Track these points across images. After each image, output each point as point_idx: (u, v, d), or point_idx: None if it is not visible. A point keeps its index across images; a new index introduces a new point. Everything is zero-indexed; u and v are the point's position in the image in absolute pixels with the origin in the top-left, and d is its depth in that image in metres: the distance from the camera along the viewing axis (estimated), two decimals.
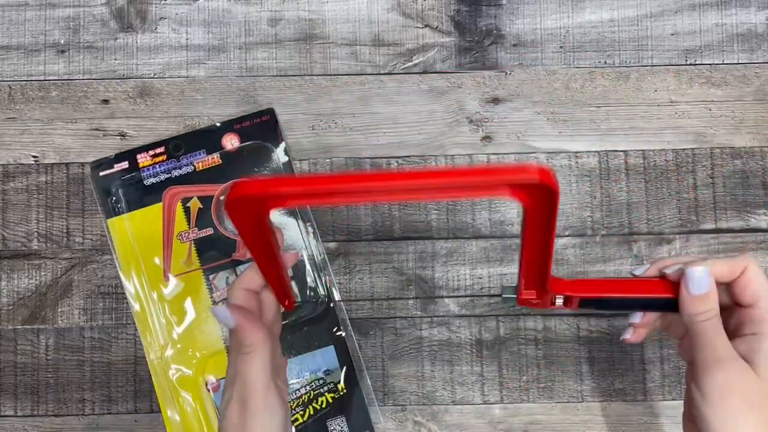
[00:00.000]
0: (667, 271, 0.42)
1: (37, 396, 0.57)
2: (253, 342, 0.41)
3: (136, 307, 0.56)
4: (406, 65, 0.59)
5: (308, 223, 0.57)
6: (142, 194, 0.57)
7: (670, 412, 0.56)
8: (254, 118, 0.58)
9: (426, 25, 0.59)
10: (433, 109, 0.58)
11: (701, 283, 0.40)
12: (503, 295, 0.43)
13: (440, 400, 0.57)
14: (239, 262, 0.57)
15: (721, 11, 0.59)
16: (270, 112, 0.58)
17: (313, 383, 0.56)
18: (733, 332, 0.42)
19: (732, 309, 0.43)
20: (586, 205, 0.58)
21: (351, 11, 0.59)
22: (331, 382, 0.56)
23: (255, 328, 0.41)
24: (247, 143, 0.57)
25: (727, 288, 0.42)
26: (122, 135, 0.58)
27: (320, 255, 0.57)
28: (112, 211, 0.57)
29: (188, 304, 0.56)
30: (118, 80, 0.59)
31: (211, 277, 0.57)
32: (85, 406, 0.57)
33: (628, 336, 0.46)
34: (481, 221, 0.58)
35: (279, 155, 0.57)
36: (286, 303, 0.45)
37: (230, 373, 0.42)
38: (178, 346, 0.56)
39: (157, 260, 0.56)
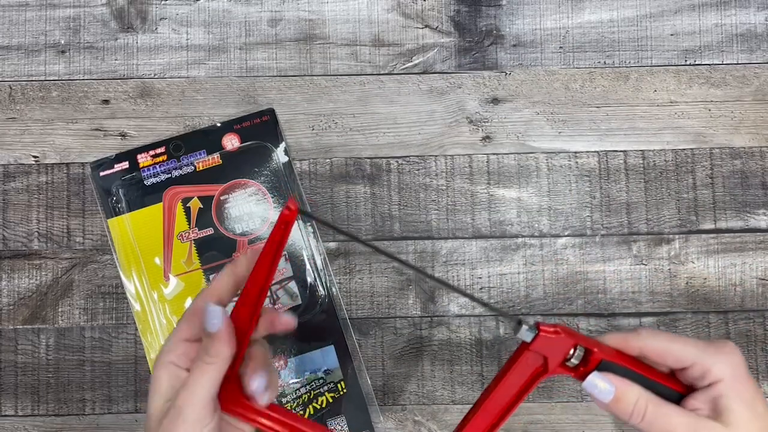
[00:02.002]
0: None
1: (37, 396, 0.57)
2: (219, 354, 0.39)
3: (136, 306, 0.56)
4: (406, 65, 0.59)
5: (308, 223, 0.57)
6: (142, 194, 0.57)
7: None
8: (254, 118, 0.58)
9: (426, 26, 0.59)
10: (433, 109, 0.59)
11: (604, 391, 0.40)
12: (518, 334, 0.42)
13: (440, 399, 0.57)
14: None
15: (721, 11, 0.59)
16: (270, 112, 0.58)
17: (313, 383, 0.57)
18: (690, 387, 0.42)
19: (675, 370, 0.42)
20: (586, 205, 0.58)
21: (351, 11, 0.59)
22: (331, 382, 0.57)
23: (231, 342, 0.39)
24: (248, 143, 0.57)
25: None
26: (123, 135, 0.58)
27: (320, 255, 0.57)
28: (113, 211, 0.57)
29: (189, 304, 0.56)
30: (118, 80, 0.59)
31: (211, 277, 0.57)
32: (86, 405, 0.57)
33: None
34: (481, 221, 0.58)
35: (279, 155, 0.58)
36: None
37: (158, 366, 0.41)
38: None
39: (158, 260, 0.57)
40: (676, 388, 0.42)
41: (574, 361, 0.42)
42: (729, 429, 0.39)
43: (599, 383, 0.41)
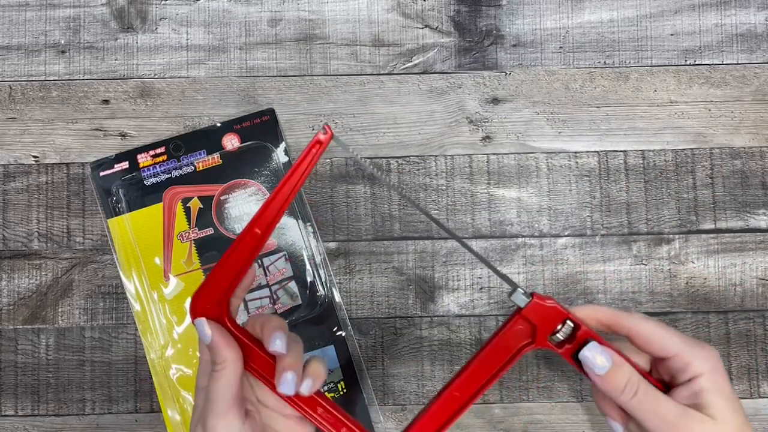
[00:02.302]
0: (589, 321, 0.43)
1: (37, 396, 0.57)
2: (225, 359, 0.40)
3: (136, 306, 0.56)
4: (406, 65, 0.59)
5: (308, 223, 0.57)
6: (142, 194, 0.57)
7: None
8: (254, 118, 0.58)
9: (426, 26, 0.59)
10: (432, 109, 0.59)
11: (600, 362, 0.40)
12: (512, 297, 0.43)
13: None
14: None
15: (721, 11, 0.59)
16: (270, 112, 0.58)
17: None
18: (670, 383, 0.42)
19: (654, 362, 0.43)
20: (586, 205, 0.58)
21: (351, 11, 0.59)
22: (331, 382, 0.57)
23: (229, 346, 0.41)
24: (248, 143, 0.57)
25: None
26: (123, 135, 0.58)
27: (320, 255, 0.57)
28: (113, 211, 0.57)
29: (189, 304, 0.56)
30: (118, 80, 0.59)
31: None
32: (86, 405, 0.57)
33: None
34: (481, 221, 0.58)
35: (279, 155, 0.58)
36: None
37: (196, 390, 0.43)
38: (179, 345, 0.56)
39: (158, 260, 0.57)
40: (656, 383, 0.42)
41: (560, 336, 0.43)
42: (714, 421, 0.39)
43: (596, 355, 0.41)
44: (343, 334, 0.57)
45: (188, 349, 0.56)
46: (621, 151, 0.58)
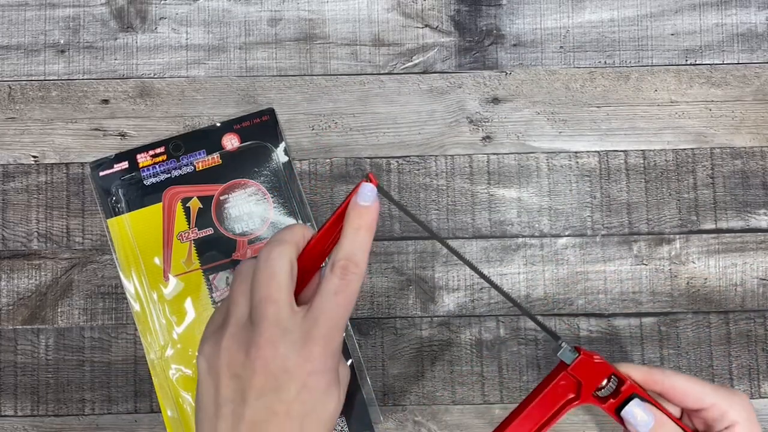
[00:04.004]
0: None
1: (37, 396, 0.57)
2: (295, 236, 0.39)
3: (136, 307, 0.56)
4: (406, 65, 0.59)
5: (308, 223, 0.57)
6: (142, 194, 0.57)
7: None
8: (254, 118, 0.58)
9: (426, 25, 0.59)
10: (433, 109, 0.58)
11: (643, 421, 0.41)
12: (559, 354, 0.43)
13: (440, 400, 0.57)
14: (239, 262, 0.57)
15: (721, 11, 0.59)
16: (270, 112, 0.58)
17: None
18: (704, 431, 0.43)
19: (688, 412, 0.44)
20: (586, 205, 0.58)
21: (351, 11, 0.59)
22: None
23: (308, 231, 0.39)
24: (247, 143, 0.57)
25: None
26: (122, 135, 0.58)
27: None
28: (112, 211, 0.57)
29: (188, 304, 0.56)
30: (118, 80, 0.59)
31: (211, 277, 0.57)
32: (85, 406, 0.57)
33: None
34: (481, 221, 0.58)
35: (279, 155, 0.57)
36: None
37: (240, 281, 0.39)
38: (179, 346, 0.56)
39: (157, 260, 0.56)
40: (689, 430, 0.43)
41: (604, 392, 0.43)
42: None
43: (639, 413, 0.41)
44: (343, 334, 0.57)
45: (188, 349, 0.56)
46: (621, 151, 0.58)
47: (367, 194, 0.39)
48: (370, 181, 0.40)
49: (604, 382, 0.43)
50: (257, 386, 0.35)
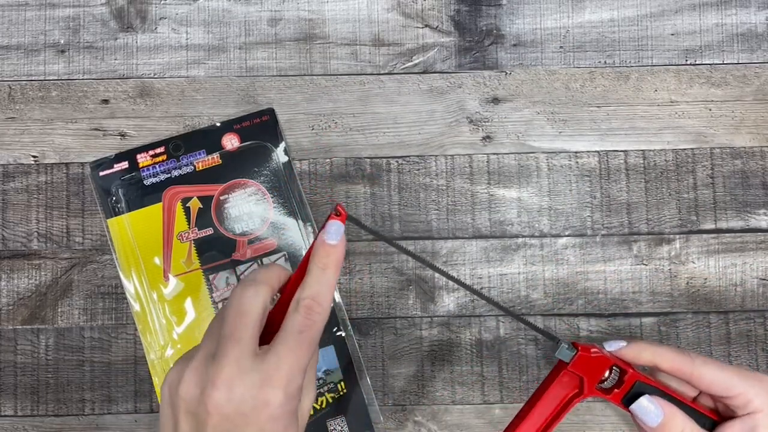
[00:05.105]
0: (636, 361, 0.43)
1: (37, 396, 0.57)
2: (270, 278, 0.38)
3: (136, 307, 0.56)
4: (406, 65, 0.59)
5: (308, 223, 0.57)
6: (142, 194, 0.57)
7: None
8: (254, 118, 0.58)
9: (426, 25, 0.59)
10: (433, 109, 0.58)
11: (652, 414, 0.41)
12: (557, 354, 0.43)
13: (440, 400, 0.57)
14: (239, 262, 0.57)
15: (721, 11, 0.59)
16: (270, 112, 0.58)
17: None
18: (723, 412, 0.43)
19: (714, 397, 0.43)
20: (586, 205, 0.58)
21: (351, 11, 0.59)
22: (331, 382, 0.56)
23: (284, 273, 0.38)
24: (247, 143, 0.57)
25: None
26: (122, 135, 0.58)
27: None
28: (112, 211, 0.57)
29: (188, 304, 0.56)
30: (118, 80, 0.59)
31: (211, 277, 0.57)
32: (85, 406, 0.57)
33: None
34: (481, 221, 0.58)
35: (279, 155, 0.57)
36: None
37: (215, 319, 0.39)
38: (179, 346, 0.56)
39: (157, 260, 0.56)
40: (708, 414, 0.42)
41: (608, 383, 0.43)
42: None
43: (648, 406, 0.41)
44: (343, 334, 0.57)
45: (188, 349, 0.56)
46: (621, 150, 0.58)
47: (332, 232, 0.39)
48: (339, 213, 0.39)
49: (607, 373, 0.42)
50: (213, 426, 0.35)
